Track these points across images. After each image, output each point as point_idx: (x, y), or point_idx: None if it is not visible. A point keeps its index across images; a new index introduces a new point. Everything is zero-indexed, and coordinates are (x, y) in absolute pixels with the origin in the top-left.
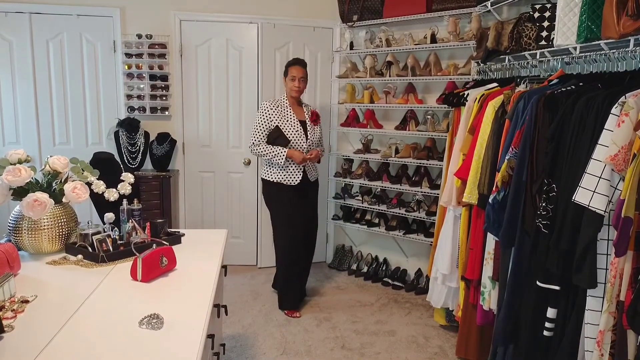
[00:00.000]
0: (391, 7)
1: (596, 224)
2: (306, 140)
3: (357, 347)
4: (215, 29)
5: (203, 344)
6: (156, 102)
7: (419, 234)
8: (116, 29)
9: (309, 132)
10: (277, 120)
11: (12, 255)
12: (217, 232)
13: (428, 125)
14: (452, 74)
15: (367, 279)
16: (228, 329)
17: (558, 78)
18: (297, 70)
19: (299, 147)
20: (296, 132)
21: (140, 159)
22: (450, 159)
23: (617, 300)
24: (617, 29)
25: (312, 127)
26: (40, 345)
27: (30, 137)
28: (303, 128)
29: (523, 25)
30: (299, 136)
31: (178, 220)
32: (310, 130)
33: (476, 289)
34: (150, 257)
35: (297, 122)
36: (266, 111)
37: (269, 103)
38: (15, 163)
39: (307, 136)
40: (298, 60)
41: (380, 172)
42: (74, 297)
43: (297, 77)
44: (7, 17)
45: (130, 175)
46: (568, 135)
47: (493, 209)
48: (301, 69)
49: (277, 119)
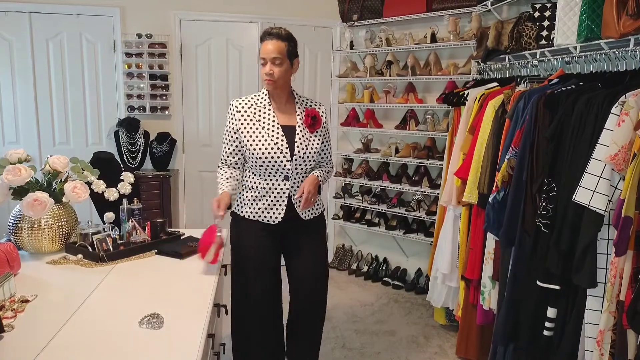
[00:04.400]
0: (391, 7)
1: (596, 223)
2: (291, 158)
3: (357, 346)
4: (215, 29)
5: (203, 344)
6: (156, 101)
7: (419, 234)
8: (116, 29)
9: (298, 144)
10: (247, 126)
11: (12, 255)
12: None
13: (428, 124)
14: (452, 74)
15: (367, 278)
16: (228, 329)
17: (558, 77)
18: (267, 47)
19: (277, 168)
20: (271, 145)
21: (140, 159)
22: (451, 158)
23: (617, 299)
24: (617, 28)
25: (305, 136)
26: (41, 344)
27: (30, 136)
28: (287, 137)
29: (523, 24)
30: (275, 152)
31: (178, 220)
32: (302, 140)
33: (476, 288)
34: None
35: (276, 127)
36: (232, 115)
37: (238, 102)
38: (15, 162)
39: (292, 151)
40: (270, 32)
41: (381, 171)
42: (74, 297)
43: (267, 58)
44: (7, 17)
45: (130, 174)
46: (568, 135)
47: (493, 209)
48: (276, 42)
49: (249, 125)
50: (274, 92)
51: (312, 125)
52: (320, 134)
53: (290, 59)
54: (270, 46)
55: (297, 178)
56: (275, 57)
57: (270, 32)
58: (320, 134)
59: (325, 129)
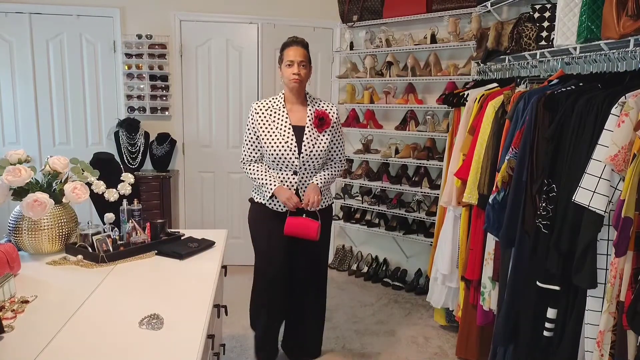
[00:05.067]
0: (391, 7)
1: (596, 224)
2: (299, 156)
3: (357, 347)
4: (215, 29)
5: (203, 344)
6: (156, 102)
7: (419, 234)
8: (116, 29)
9: (305, 143)
10: (264, 126)
11: (12, 256)
12: (217, 232)
13: (428, 125)
14: (452, 74)
15: (367, 279)
16: (228, 329)
17: (558, 78)
18: (295, 52)
19: (287, 164)
20: (282, 144)
21: (140, 159)
22: (450, 159)
23: (617, 300)
24: (617, 29)
25: (313, 135)
26: (40, 345)
27: (30, 137)
28: (297, 137)
29: (523, 25)
30: (285, 149)
31: (178, 221)
32: (310, 139)
33: (476, 289)
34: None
35: (288, 127)
36: (251, 117)
37: (258, 104)
38: (15, 163)
39: (300, 149)
40: (295, 39)
41: (380, 172)
42: (74, 298)
43: (295, 61)
44: (7, 17)
45: (130, 175)
46: (568, 136)
47: (493, 209)
48: (301, 49)
49: (265, 125)
50: (298, 90)
51: (320, 125)
52: (328, 133)
53: (310, 64)
54: (298, 51)
55: (305, 173)
56: (302, 61)
57: (296, 40)
58: (328, 133)
59: (334, 128)
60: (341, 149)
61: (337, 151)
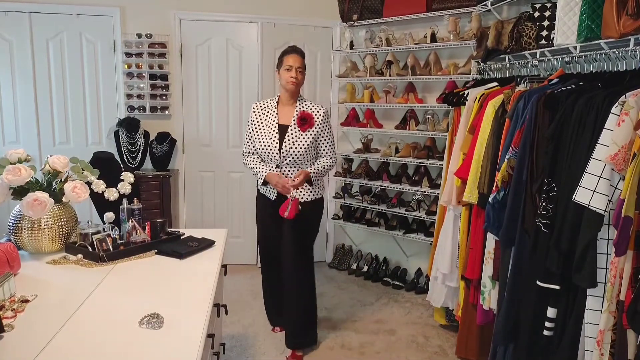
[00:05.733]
0: (391, 7)
1: (596, 223)
2: (279, 151)
3: (357, 346)
4: (215, 29)
5: (203, 344)
6: (156, 101)
7: (419, 234)
8: (116, 29)
9: (286, 140)
10: (257, 123)
11: (12, 255)
12: (217, 231)
13: (428, 124)
14: (452, 74)
15: (367, 278)
16: (228, 329)
17: (558, 77)
18: (294, 59)
19: (270, 157)
20: (266, 139)
21: (140, 159)
22: (451, 158)
23: (617, 299)
24: (617, 28)
25: (295, 134)
26: (41, 344)
27: (30, 136)
28: (280, 134)
29: (523, 24)
30: (269, 144)
31: (178, 220)
32: (291, 137)
33: (476, 288)
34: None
35: (274, 125)
36: (251, 115)
37: (256, 104)
38: (15, 162)
39: (280, 144)
40: (295, 49)
41: (380, 171)
42: (74, 297)
43: (293, 66)
44: (7, 17)
45: (130, 174)
46: (568, 135)
47: (493, 209)
48: (299, 58)
49: (258, 122)
50: (294, 92)
51: (302, 124)
52: (312, 132)
53: (304, 71)
54: (297, 59)
55: (286, 166)
56: (299, 67)
57: (295, 49)
58: (311, 133)
59: (321, 127)
60: (329, 145)
61: (325, 148)
